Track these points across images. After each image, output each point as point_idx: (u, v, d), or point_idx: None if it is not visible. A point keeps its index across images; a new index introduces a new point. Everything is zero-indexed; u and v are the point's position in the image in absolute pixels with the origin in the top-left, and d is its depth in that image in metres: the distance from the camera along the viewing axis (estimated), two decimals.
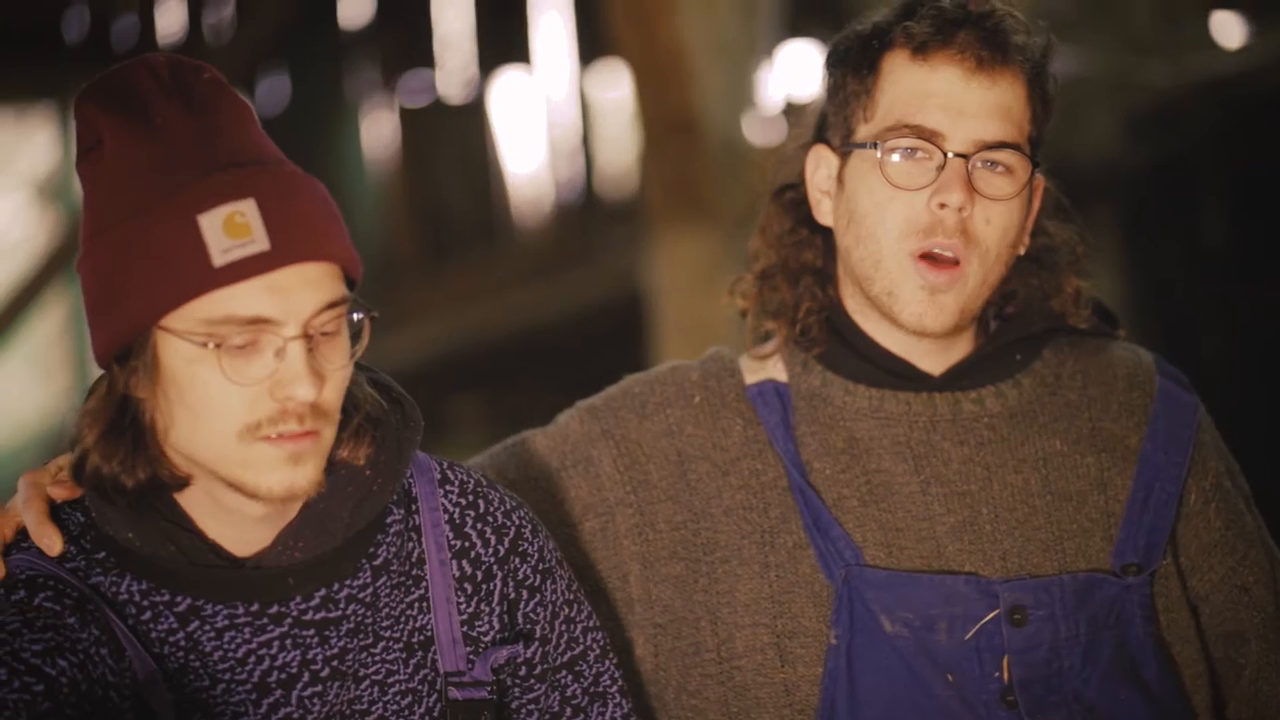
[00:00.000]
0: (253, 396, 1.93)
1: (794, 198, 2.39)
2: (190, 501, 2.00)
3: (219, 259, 1.90)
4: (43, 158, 12.48)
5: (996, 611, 2.26)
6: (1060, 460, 2.33)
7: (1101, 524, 2.31)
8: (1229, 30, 7.82)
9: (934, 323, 2.27)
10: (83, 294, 1.99)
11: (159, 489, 1.98)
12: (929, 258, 2.26)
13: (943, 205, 2.25)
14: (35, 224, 12.31)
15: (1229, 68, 7.54)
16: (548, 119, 11.52)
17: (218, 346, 1.91)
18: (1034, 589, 2.26)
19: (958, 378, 2.33)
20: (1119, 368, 2.39)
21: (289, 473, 1.95)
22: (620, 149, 10.71)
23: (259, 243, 1.91)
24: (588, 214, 11.11)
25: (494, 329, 10.52)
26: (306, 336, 1.93)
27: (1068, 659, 2.26)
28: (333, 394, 1.96)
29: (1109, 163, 7.29)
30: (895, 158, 2.27)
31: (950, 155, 2.25)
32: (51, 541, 2.00)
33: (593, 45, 10.93)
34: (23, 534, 2.03)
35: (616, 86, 10.48)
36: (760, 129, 5.81)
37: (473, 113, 11.81)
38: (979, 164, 2.25)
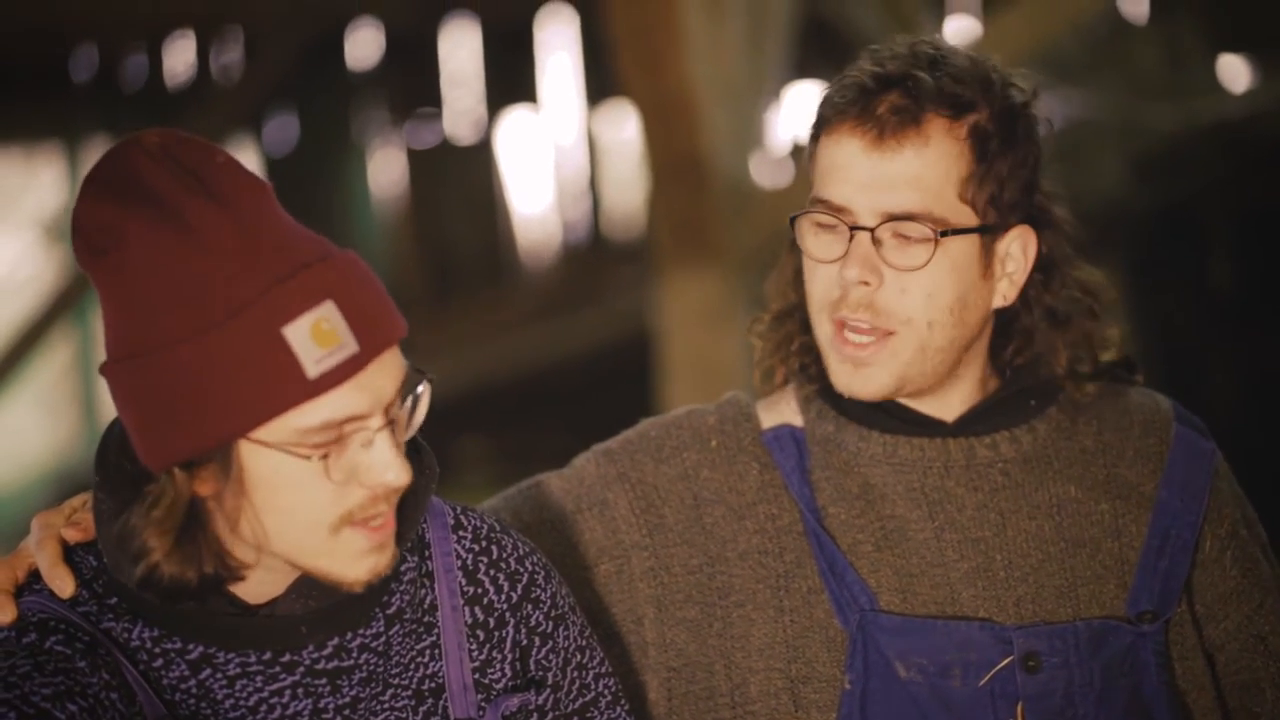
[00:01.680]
0: (343, 489, 1.92)
1: None
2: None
3: (313, 370, 1.88)
4: (50, 197, 12.51)
5: (1010, 658, 2.26)
6: (1075, 506, 2.33)
7: (1116, 571, 2.31)
8: (1235, 75, 7.85)
9: (864, 392, 2.28)
10: (124, 401, 1.93)
11: (219, 582, 1.97)
12: (843, 330, 2.26)
13: (845, 280, 2.25)
14: (42, 263, 12.33)
15: (1235, 112, 7.56)
16: (555, 159, 11.55)
17: (324, 458, 1.90)
18: (1048, 636, 2.26)
19: (971, 423, 2.33)
20: (1135, 414, 2.38)
21: (374, 559, 1.95)
22: (628, 189, 10.73)
23: (348, 346, 1.89)
24: (595, 254, 11.13)
25: (501, 369, 10.53)
26: (390, 422, 1.93)
27: (1082, 706, 2.26)
28: (407, 474, 1.96)
29: (1115, 206, 7.30)
30: (814, 230, 2.28)
31: (855, 229, 2.24)
32: (64, 584, 1.99)
33: (600, 85, 10.97)
34: (35, 576, 2.02)
35: (624, 127, 10.51)
36: (767, 170, 5.82)
37: (480, 153, 11.84)
38: (888, 235, 2.24)
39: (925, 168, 2.24)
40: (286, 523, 1.93)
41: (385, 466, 1.92)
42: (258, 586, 2.00)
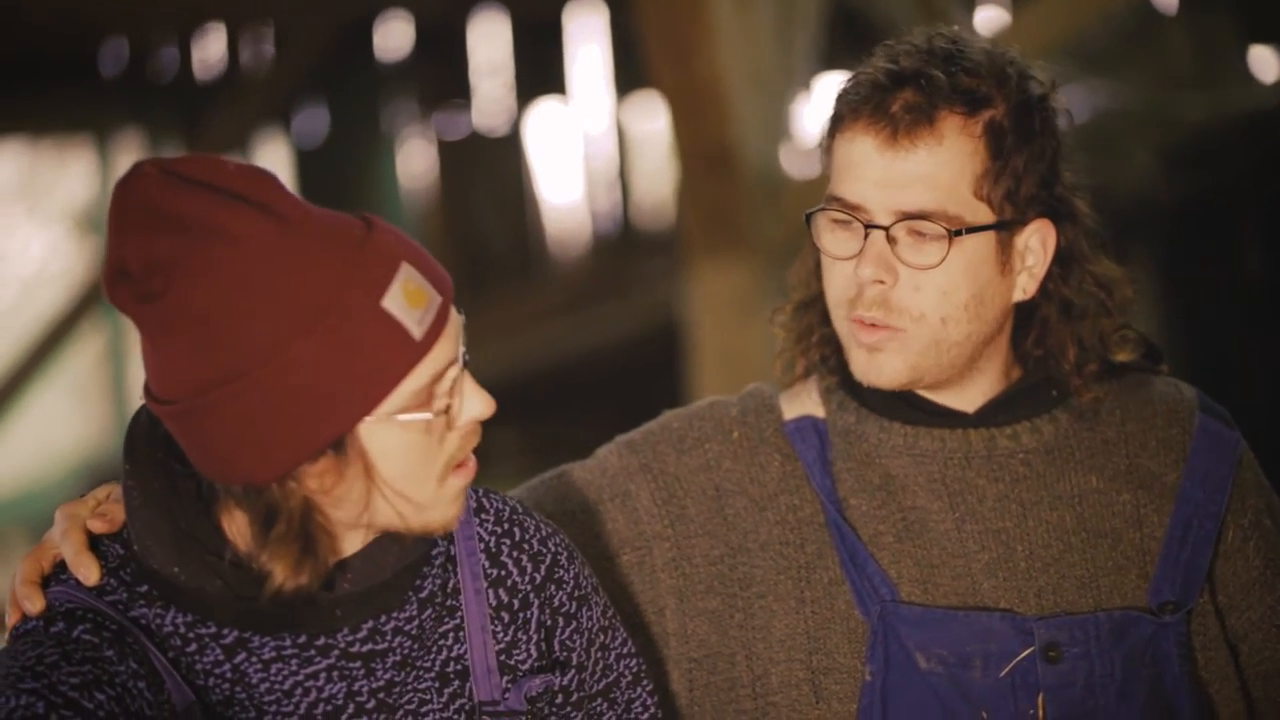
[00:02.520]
0: (443, 438, 1.97)
1: None
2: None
3: (417, 331, 1.93)
4: (80, 190, 12.55)
5: (1031, 649, 2.25)
6: (1096, 497, 2.32)
7: (1137, 561, 2.31)
8: (1266, 65, 7.82)
9: (880, 379, 2.28)
10: (225, 429, 1.92)
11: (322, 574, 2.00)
12: (860, 321, 2.27)
13: (860, 277, 2.25)
14: (73, 255, 12.37)
15: (1266, 102, 7.54)
16: (585, 150, 11.55)
17: (445, 411, 1.96)
18: (1069, 626, 2.26)
19: (993, 413, 2.33)
20: (1158, 404, 2.38)
21: (461, 499, 2.01)
22: (657, 180, 10.74)
23: (435, 298, 1.94)
24: (625, 245, 11.14)
25: (530, 360, 10.54)
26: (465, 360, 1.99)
27: (1103, 697, 2.26)
28: None
29: (1145, 196, 7.28)
30: (830, 227, 2.28)
31: (870, 227, 2.24)
32: (89, 572, 1.99)
33: (630, 76, 10.97)
34: (61, 566, 2.03)
35: (654, 117, 10.51)
36: (796, 161, 5.81)
37: (510, 144, 11.85)
38: (903, 232, 2.24)
39: (939, 166, 2.23)
40: (410, 484, 1.97)
41: (475, 402, 1.97)
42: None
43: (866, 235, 2.24)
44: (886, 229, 2.24)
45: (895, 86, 2.24)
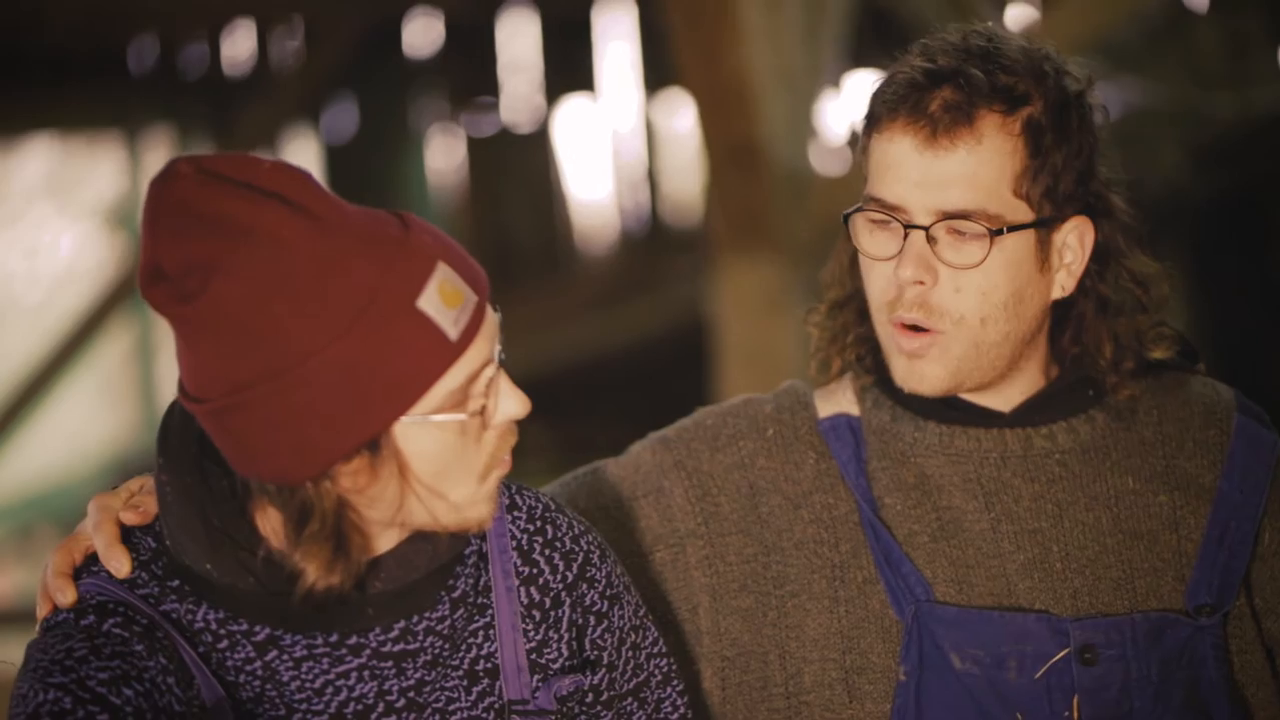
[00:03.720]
0: (481, 438, 1.97)
1: None
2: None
3: (453, 332, 1.92)
4: (110, 185, 12.58)
5: (1067, 650, 2.24)
6: (1133, 498, 2.31)
7: (1174, 563, 2.29)
8: None
9: (921, 387, 2.27)
10: (256, 432, 1.92)
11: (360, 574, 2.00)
12: (901, 327, 2.26)
13: (901, 279, 2.24)
14: (102, 252, 12.40)
15: None
16: (613, 148, 11.55)
17: (480, 412, 1.95)
18: (1105, 628, 2.25)
19: (1029, 414, 2.32)
20: (1196, 404, 2.36)
21: (495, 496, 2.01)
22: (686, 177, 10.74)
23: (470, 298, 1.94)
24: (653, 242, 11.14)
25: (559, 357, 10.54)
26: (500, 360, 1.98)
27: (1138, 700, 2.25)
28: None
29: (1175, 193, 7.27)
30: (869, 227, 2.27)
31: (910, 228, 2.23)
32: (120, 564, 1.99)
33: (659, 74, 10.96)
34: (93, 558, 2.02)
35: (682, 115, 10.51)
36: (824, 159, 5.81)
37: (538, 141, 11.86)
38: (943, 232, 2.23)
39: (979, 165, 2.22)
40: (449, 485, 1.96)
41: (509, 401, 1.97)
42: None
43: (906, 236, 2.23)
44: (926, 229, 2.23)
45: (932, 85, 2.23)
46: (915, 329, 2.25)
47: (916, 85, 2.23)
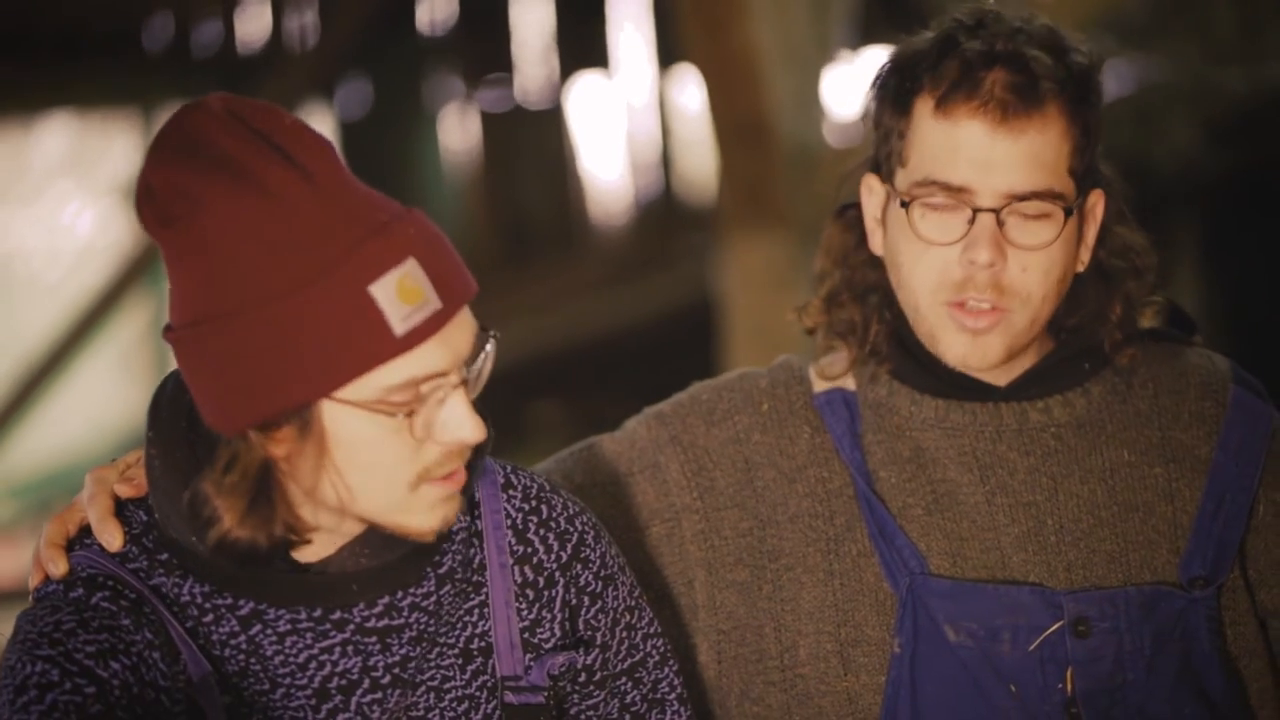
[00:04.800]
0: (421, 446, 1.94)
1: (855, 216, 2.37)
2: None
3: (400, 327, 1.89)
4: (125, 163, 12.59)
5: (1061, 623, 2.25)
6: (1128, 471, 2.31)
7: (1169, 536, 2.30)
8: None
9: (979, 362, 2.26)
10: (197, 366, 1.93)
11: (288, 546, 1.99)
12: (963, 306, 2.25)
13: (972, 262, 2.22)
14: (118, 228, 12.42)
15: None
16: (627, 124, 11.55)
17: (409, 415, 1.92)
18: (1099, 601, 2.25)
19: (1024, 387, 2.32)
20: (1192, 375, 2.37)
21: (446, 509, 1.97)
22: (699, 153, 10.72)
23: (432, 302, 1.90)
24: (667, 218, 11.14)
25: (573, 333, 10.55)
26: (464, 380, 1.94)
27: (1132, 672, 2.25)
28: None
29: (1189, 169, 7.26)
30: (926, 213, 2.25)
31: (979, 211, 2.22)
32: (113, 538, 2.00)
33: (672, 49, 10.95)
34: (87, 530, 2.04)
35: (696, 90, 10.48)
36: (832, 134, 5.80)
37: (552, 117, 11.85)
38: (1011, 215, 2.23)
39: (1045, 146, 2.22)
40: (367, 481, 1.94)
41: (460, 423, 1.93)
42: (312, 545, 2.01)
43: (973, 219, 2.23)
44: (998, 212, 2.23)
45: (989, 66, 2.22)
46: (982, 313, 2.24)
47: (981, 64, 2.22)
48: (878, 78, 2.31)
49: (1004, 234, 2.23)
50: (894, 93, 2.27)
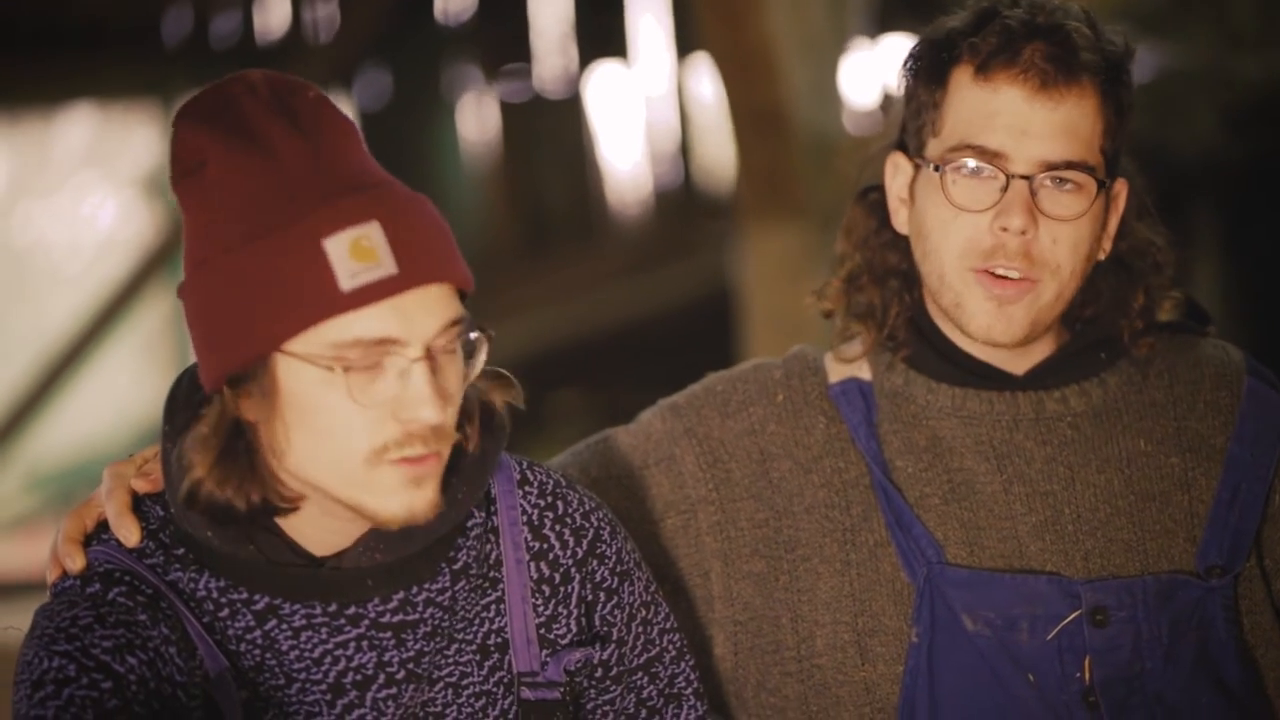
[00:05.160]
0: (377, 420, 1.93)
1: (877, 199, 2.37)
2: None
3: (347, 283, 1.90)
4: (145, 155, 12.61)
5: (1078, 612, 2.25)
6: (1144, 460, 2.32)
7: (1185, 525, 2.30)
8: None
9: (1002, 334, 2.26)
10: (188, 319, 1.97)
11: (270, 513, 1.99)
12: (991, 274, 2.25)
13: (1004, 229, 2.23)
14: (139, 220, 12.44)
15: None
16: (646, 113, 11.54)
17: (346, 370, 1.91)
18: (1116, 590, 2.26)
19: (1041, 376, 2.32)
20: (1206, 366, 2.37)
21: (410, 496, 1.95)
22: (719, 142, 10.71)
23: (386, 266, 1.91)
24: (686, 207, 11.13)
25: (593, 323, 10.55)
26: (430, 357, 1.94)
27: (1149, 660, 2.25)
28: (453, 415, 1.97)
29: (1209, 156, 7.24)
30: (958, 178, 2.25)
31: (1013, 177, 2.23)
32: (130, 533, 2.01)
33: (691, 38, 10.94)
34: (104, 525, 2.04)
35: (714, 79, 10.46)
36: (850, 123, 5.79)
37: (571, 107, 11.85)
38: (1045, 184, 2.23)
39: (1082, 118, 2.24)
40: (321, 448, 1.94)
41: (419, 401, 1.93)
42: (326, 537, 2.01)
43: (1007, 186, 2.23)
44: (1031, 179, 2.23)
45: (1031, 38, 2.23)
46: (1009, 281, 2.24)
47: (1022, 35, 2.24)
48: (911, 54, 2.31)
49: (1036, 203, 2.23)
50: (930, 65, 2.28)
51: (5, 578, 11.33)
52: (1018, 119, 2.23)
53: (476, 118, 12.21)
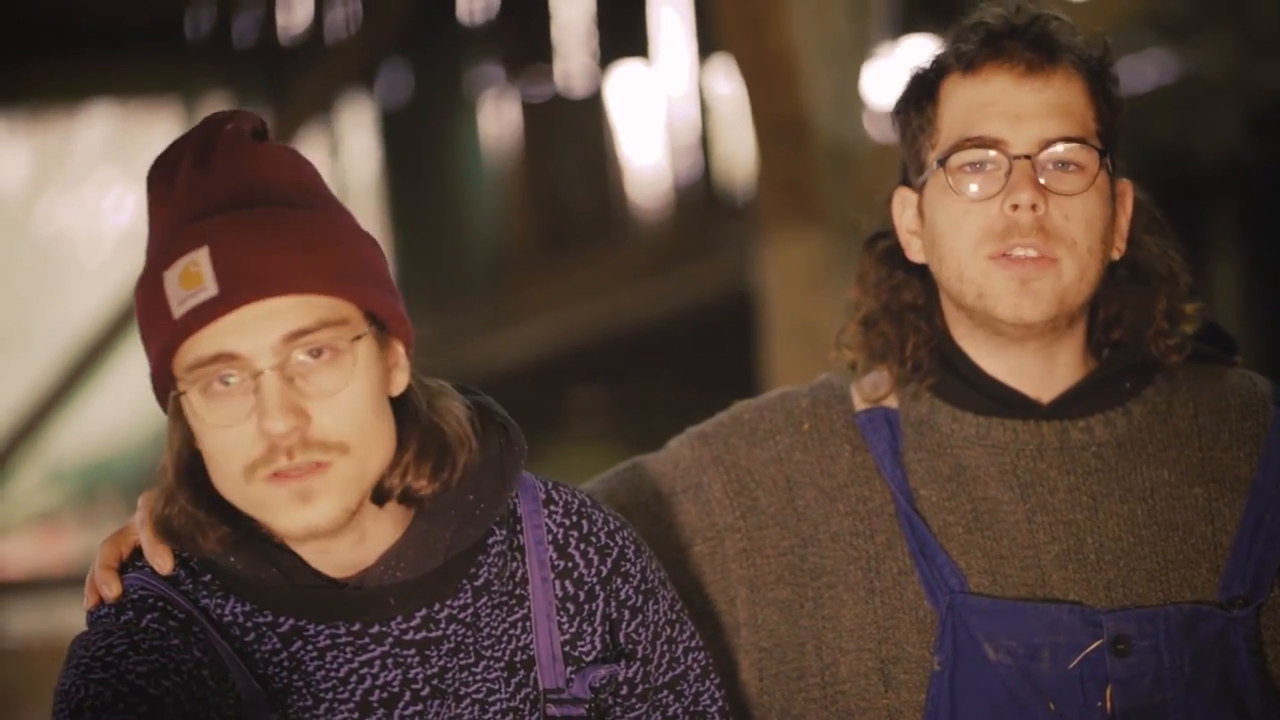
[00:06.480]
0: (244, 439, 1.97)
1: (887, 246, 2.40)
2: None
3: (177, 311, 1.96)
4: None
5: (1100, 641, 2.26)
6: (1168, 490, 2.32)
7: (1209, 555, 2.30)
8: None
9: (1031, 312, 2.27)
10: None
11: (246, 533, 2.03)
12: (1009, 257, 2.27)
13: (1015, 207, 2.26)
14: None
15: None
16: (667, 112, 11.54)
17: (203, 390, 1.97)
18: (1138, 619, 2.26)
19: (1066, 405, 2.33)
20: (1232, 396, 2.37)
21: (301, 512, 1.98)
22: (739, 142, 10.71)
23: (208, 289, 1.95)
24: (706, 207, 11.13)
25: (612, 322, 10.55)
26: (280, 369, 1.96)
27: (1171, 690, 2.26)
28: (333, 422, 1.98)
29: (1230, 161, 7.23)
30: (963, 172, 2.29)
31: (1015, 158, 2.26)
32: (163, 561, 2.05)
33: (712, 39, 10.94)
34: (139, 553, 2.08)
35: (735, 80, 10.46)
36: (874, 127, 5.78)
37: (592, 106, 11.85)
38: (1047, 164, 2.27)
39: (1071, 97, 2.28)
40: (215, 471, 2.00)
41: (263, 412, 1.96)
42: (346, 555, 2.04)
43: (1011, 168, 2.26)
44: (1034, 158, 2.26)
45: (1012, 35, 2.29)
46: (1028, 261, 2.26)
47: (1002, 32, 2.29)
48: (899, 94, 2.36)
49: (1042, 181, 2.27)
50: (919, 89, 2.33)
51: (28, 573, 11.36)
52: (1010, 104, 2.27)
53: (497, 117, 12.22)
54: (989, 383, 2.33)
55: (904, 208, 2.37)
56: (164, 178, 2.01)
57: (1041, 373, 2.33)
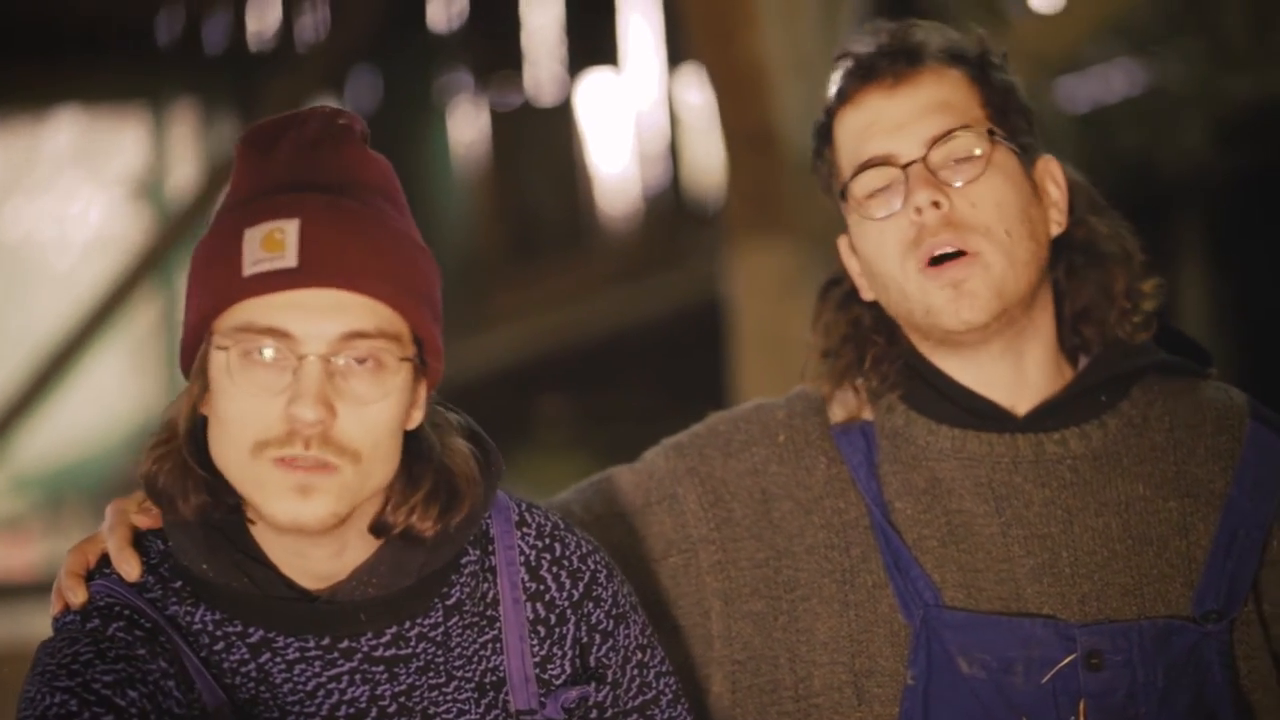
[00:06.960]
0: (267, 412, 1.96)
1: (842, 291, 2.43)
2: (262, 535, 2.04)
3: (248, 270, 1.96)
4: (135, 157, 12.61)
5: (1073, 656, 2.26)
6: (1143, 504, 2.33)
7: (1182, 570, 2.31)
8: None
9: (972, 313, 2.28)
10: None
11: (225, 510, 2.02)
12: (935, 262, 2.28)
13: (919, 210, 2.28)
14: (128, 222, 12.43)
15: None
16: (636, 121, 11.55)
17: (243, 353, 1.96)
18: (1112, 634, 2.27)
19: (1041, 418, 2.34)
20: (1208, 410, 2.38)
21: (295, 504, 1.98)
22: (708, 151, 10.72)
23: (288, 259, 1.95)
24: (675, 216, 11.14)
25: (581, 330, 10.55)
26: (326, 361, 1.96)
27: (1144, 705, 2.26)
28: (356, 429, 1.98)
29: (1197, 171, 7.25)
30: (869, 200, 2.31)
31: (906, 166, 2.29)
32: (130, 568, 2.04)
33: (681, 48, 10.95)
34: (106, 560, 2.07)
35: (705, 90, 10.48)
36: None
37: (561, 115, 11.85)
38: (942, 163, 2.29)
39: (952, 92, 2.31)
40: (222, 435, 1.99)
41: (298, 395, 1.95)
42: (323, 566, 2.04)
43: (907, 176, 2.28)
44: (924, 159, 2.28)
45: (878, 56, 2.32)
46: (947, 259, 2.28)
47: (863, 59, 2.33)
48: (812, 150, 2.40)
49: (940, 178, 2.29)
50: (818, 139, 2.38)
51: None
52: (887, 119, 2.30)
53: (467, 124, 12.21)
54: (962, 393, 2.34)
55: (848, 253, 2.39)
56: (266, 139, 2.01)
57: (1012, 379, 2.34)
